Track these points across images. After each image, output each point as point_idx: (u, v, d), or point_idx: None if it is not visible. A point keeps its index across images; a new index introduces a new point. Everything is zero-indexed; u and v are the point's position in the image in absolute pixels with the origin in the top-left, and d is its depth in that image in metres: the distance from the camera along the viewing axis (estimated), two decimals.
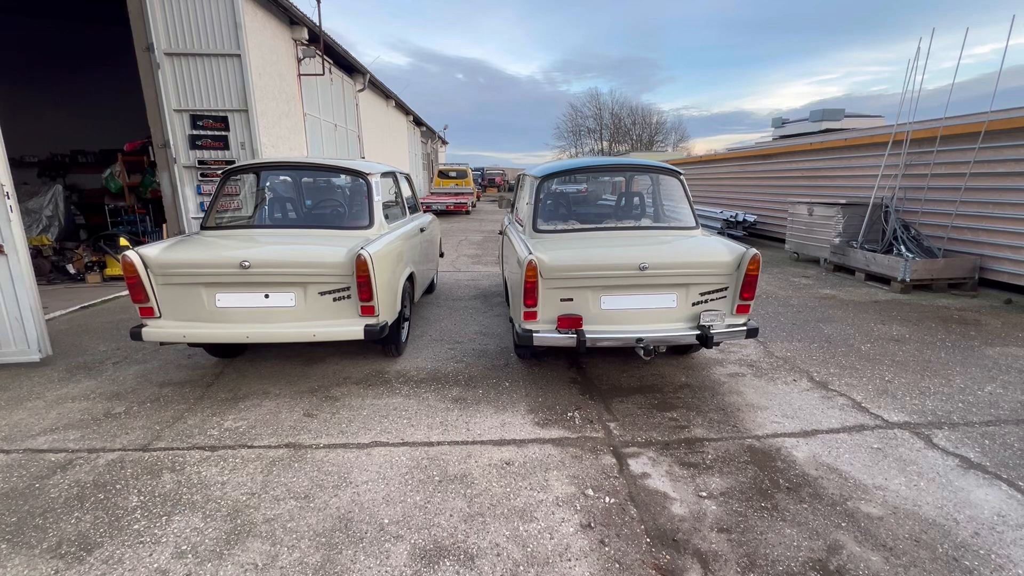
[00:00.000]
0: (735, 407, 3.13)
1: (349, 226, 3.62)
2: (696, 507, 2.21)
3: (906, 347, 4.08)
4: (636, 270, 3.04)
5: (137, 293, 3.03)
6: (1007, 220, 5.37)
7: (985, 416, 2.94)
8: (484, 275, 7.39)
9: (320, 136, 13.08)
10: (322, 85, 13.13)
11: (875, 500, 2.23)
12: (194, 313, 3.12)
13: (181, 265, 3.02)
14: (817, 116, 15.49)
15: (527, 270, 2.99)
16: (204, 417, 3.02)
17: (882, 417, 2.95)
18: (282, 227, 3.56)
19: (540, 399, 3.27)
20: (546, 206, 3.79)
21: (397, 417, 3.03)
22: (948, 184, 5.92)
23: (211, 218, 3.65)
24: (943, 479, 2.36)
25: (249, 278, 3.03)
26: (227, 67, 6.99)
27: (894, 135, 6.48)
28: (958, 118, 5.95)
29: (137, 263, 2.98)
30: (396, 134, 22.47)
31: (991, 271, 5.60)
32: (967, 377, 3.48)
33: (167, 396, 3.32)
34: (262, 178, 4.04)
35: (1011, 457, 2.53)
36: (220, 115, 7.08)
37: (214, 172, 7.18)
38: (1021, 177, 5.21)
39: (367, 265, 3.04)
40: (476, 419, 3.00)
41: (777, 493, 2.30)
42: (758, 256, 3.07)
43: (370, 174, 3.76)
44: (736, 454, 2.62)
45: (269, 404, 3.19)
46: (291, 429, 2.89)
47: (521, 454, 2.63)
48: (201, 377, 3.63)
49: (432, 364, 3.87)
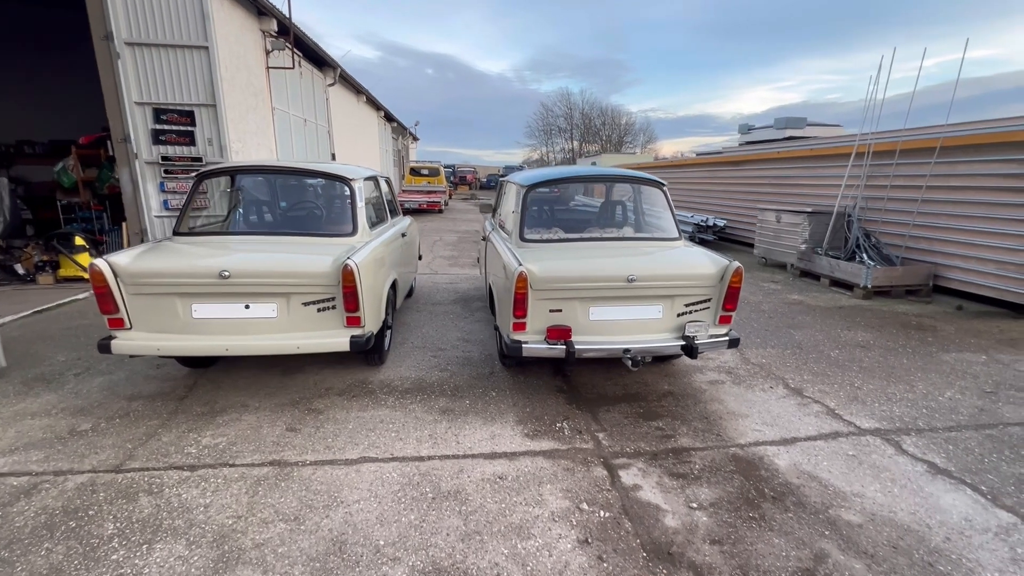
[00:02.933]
0: (717, 415, 3.22)
1: (332, 233, 3.52)
2: (688, 519, 2.26)
3: (871, 353, 4.29)
4: (624, 282, 3.08)
5: (106, 303, 2.87)
6: (959, 231, 5.71)
7: (947, 422, 3.12)
8: (462, 278, 7.34)
9: (289, 131, 12.70)
10: (291, 79, 12.74)
11: (854, 508, 2.33)
12: (168, 324, 2.98)
13: (154, 274, 2.87)
14: (781, 124, 16.09)
15: (517, 281, 2.98)
16: (180, 433, 2.89)
17: (855, 424, 3.10)
18: (261, 234, 3.43)
19: (528, 409, 3.28)
20: (532, 215, 3.79)
21: (384, 430, 2.98)
22: (906, 195, 6.25)
23: (184, 223, 3.48)
24: (914, 485, 2.50)
25: (228, 288, 2.91)
26: (193, 59, 6.69)
27: (856, 147, 6.78)
28: (917, 131, 6.28)
29: (106, 272, 2.82)
30: (367, 130, 22.04)
31: (944, 278, 5.95)
32: (928, 383, 3.69)
33: (137, 411, 3.16)
34: (238, 181, 3.89)
35: (973, 462, 2.69)
36: (186, 109, 6.78)
37: (179, 169, 6.88)
38: (973, 191, 5.55)
39: (354, 275, 2.97)
40: (465, 431, 2.98)
41: (763, 502, 2.37)
42: (741, 269, 3.16)
43: (353, 179, 3.67)
44: (722, 463, 2.69)
45: (249, 418, 3.08)
46: (274, 445, 2.80)
47: (513, 468, 2.63)
48: (173, 389, 3.47)
49: (416, 373, 3.82)
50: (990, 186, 5.37)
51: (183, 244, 3.28)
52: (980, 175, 5.47)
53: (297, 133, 13.39)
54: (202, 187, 3.66)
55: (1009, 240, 5.23)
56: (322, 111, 15.51)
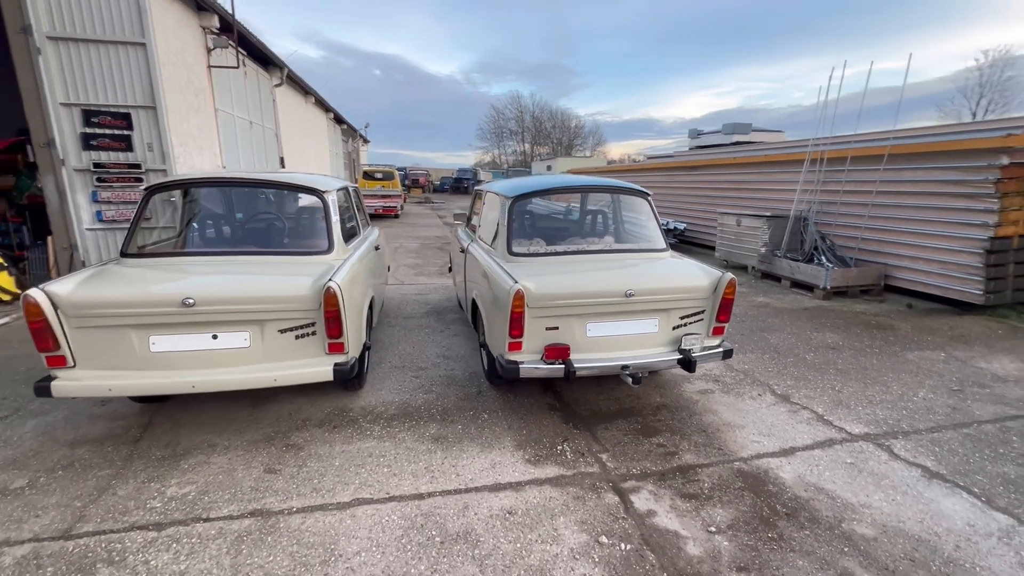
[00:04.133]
0: (714, 427, 3.20)
1: (305, 251, 3.24)
2: (709, 545, 2.19)
3: (843, 355, 4.45)
4: (623, 297, 3.01)
5: (43, 340, 2.48)
6: (907, 234, 6.08)
7: (927, 423, 3.24)
8: (431, 288, 7.10)
9: (235, 134, 11.95)
10: (235, 79, 12.00)
11: (864, 519, 2.35)
12: (121, 360, 2.62)
13: (104, 304, 2.51)
14: (729, 129, 16.79)
15: (514, 300, 2.84)
16: (139, 484, 2.54)
17: (845, 429, 3.16)
18: (224, 253, 3.09)
19: (524, 432, 3.14)
20: (520, 228, 3.65)
21: (375, 465, 2.75)
22: (858, 200, 6.59)
23: (132, 243, 3.09)
24: (914, 491, 2.55)
25: (193, 317, 2.59)
26: (129, 57, 6.10)
27: (811, 154, 7.10)
28: (866, 136, 6.64)
29: (44, 304, 2.44)
30: (316, 132, 21.17)
31: (894, 278, 6.31)
32: (901, 384, 3.84)
33: (84, 459, 2.76)
34: (194, 195, 3.51)
35: (960, 463, 2.80)
36: (121, 111, 6.16)
37: (115, 177, 6.25)
38: (919, 196, 5.91)
39: (337, 298, 2.72)
40: (463, 461, 2.80)
41: (779, 521, 2.35)
42: (734, 281, 3.16)
43: (326, 191, 3.40)
44: (730, 480, 2.66)
45: (219, 460, 2.77)
46: (253, 491, 2.51)
47: (522, 500, 2.48)
48: (125, 430, 3.07)
49: (399, 397, 3.59)
50: (934, 191, 5.74)
51: (134, 268, 2.91)
52: (925, 181, 5.83)
53: (243, 136, 12.63)
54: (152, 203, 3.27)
55: (952, 242, 5.60)
56: (269, 113, 14.72)
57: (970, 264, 5.44)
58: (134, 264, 2.96)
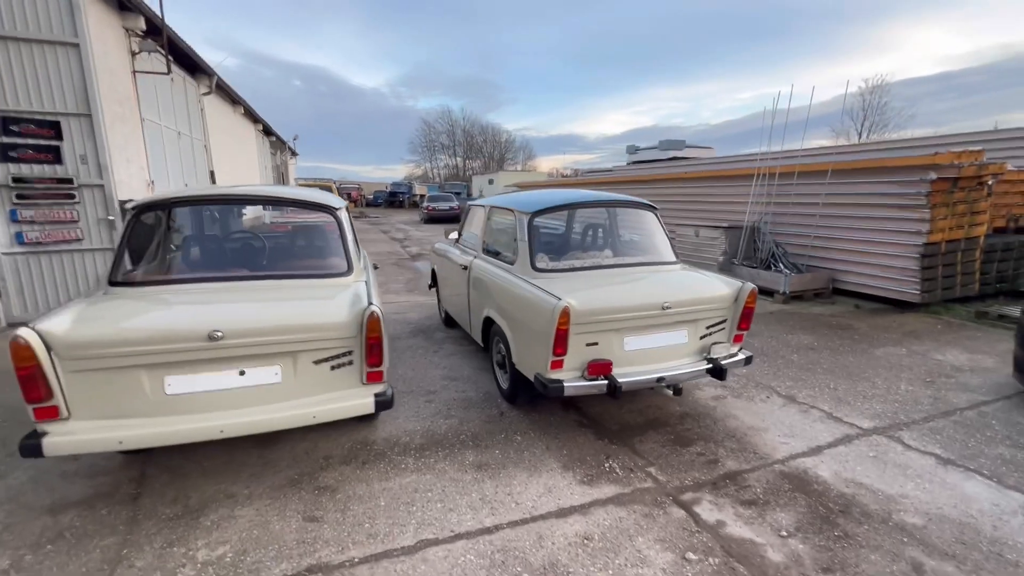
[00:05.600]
0: (741, 432, 3.31)
1: (324, 273, 2.98)
2: (787, 550, 2.24)
3: (823, 355, 4.80)
4: (660, 309, 3.05)
5: (34, 388, 2.08)
6: (852, 241, 6.72)
7: (919, 414, 3.56)
8: (406, 306, 6.85)
9: (162, 145, 10.95)
10: (162, 86, 11.02)
11: (909, 509, 2.52)
12: (127, 407, 2.25)
13: (113, 343, 2.15)
14: (665, 146, 17.84)
15: (560, 317, 2.79)
16: (159, 551, 2.19)
17: (856, 425, 3.39)
18: (230, 279, 2.77)
19: (564, 452, 3.07)
20: (540, 243, 3.61)
21: (425, 501, 2.56)
22: (807, 211, 7.21)
23: (120, 270, 2.68)
24: (938, 479, 2.77)
25: (218, 352, 2.29)
26: (58, 58, 5.39)
27: (767, 169, 7.67)
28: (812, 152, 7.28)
29: (36, 346, 2.05)
30: (245, 144, 19.89)
31: (841, 281, 6.94)
32: (882, 379, 4.20)
33: (75, 527, 2.33)
34: (185, 214, 3.12)
35: (962, 448, 3.09)
36: (48, 119, 5.41)
37: (39, 193, 5.46)
38: (861, 207, 6.57)
39: (380, 323, 2.53)
40: (516, 488, 2.69)
41: (837, 518, 2.45)
42: (755, 290, 3.31)
43: (338, 208, 3.17)
44: (777, 483, 2.75)
45: (246, 512, 2.45)
46: (299, 544, 2.24)
47: (594, 524, 2.41)
48: (114, 487, 2.64)
49: (419, 424, 3.39)
50: (874, 203, 6.40)
51: (132, 299, 2.52)
52: (866, 194, 6.50)
53: (171, 147, 11.60)
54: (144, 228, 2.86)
55: (891, 248, 6.27)
56: (197, 123, 13.65)
57: (907, 267, 6.11)
58: (129, 294, 2.56)
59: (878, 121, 33.76)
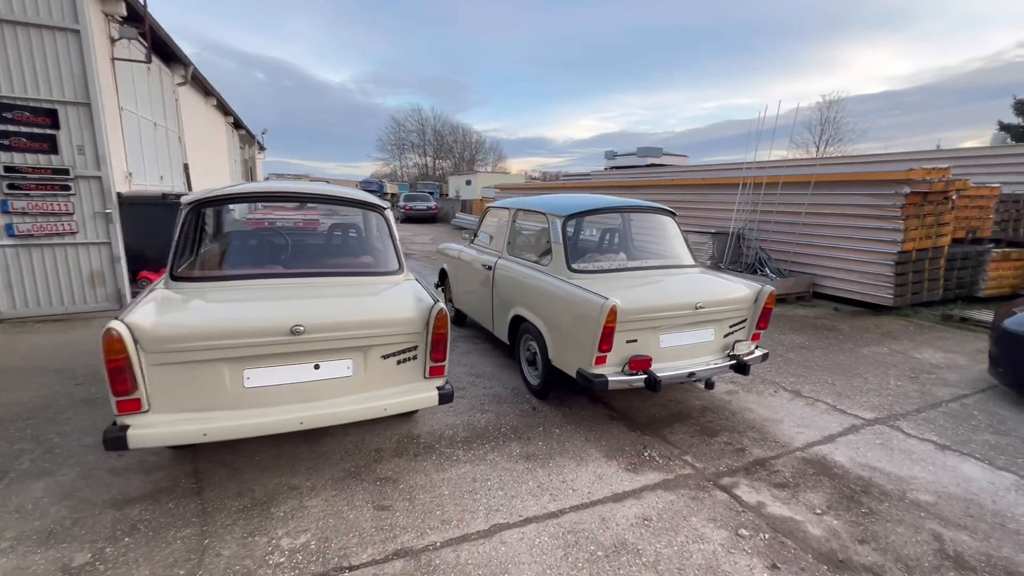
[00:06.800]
0: (759, 423, 3.58)
1: (378, 271, 3.05)
2: (824, 525, 2.49)
3: (815, 353, 5.18)
4: (693, 309, 3.28)
5: (122, 381, 2.09)
6: (832, 248, 7.22)
7: (911, 406, 3.93)
8: None
9: (139, 137, 10.59)
10: (139, 75, 10.64)
11: (921, 488, 2.82)
12: (206, 400, 2.28)
13: (201, 336, 2.18)
14: (643, 152, 18.39)
15: (608, 315, 2.97)
16: (242, 540, 2.23)
17: (859, 416, 3.72)
18: (289, 275, 2.81)
19: (603, 443, 3.25)
20: (574, 245, 3.79)
21: (487, 489, 2.69)
22: (790, 219, 7.68)
23: (182, 264, 2.69)
24: (940, 462, 3.11)
25: (298, 347, 2.36)
26: (58, 45, 5.19)
27: (744, 179, 8.11)
28: (796, 163, 7.74)
29: (127, 339, 2.06)
30: (216, 138, 19.26)
31: (821, 286, 7.43)
32: (872, 375, 4.59)
33: (147, 520, 2.34)
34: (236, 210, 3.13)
35: (953, 435, 3.45)
36: (45, 107, 5.19)
37: (34, 184, 5.23)
38: (840, 217, 7.07)
39: (447, 320, 2.64)
40: (569, 476, 2.85)
41: (860, 497, 2.73)
42: (774, 292, 3.59)
43: (385, 208, 3.25)
44: (801, 468, 3.01)
45: (315, 503, 2.51)
46: (378, 531, 2.33)
47: (649, 507, 2.59)
48: (173, 482, 2.64)
49: (458, 419, 3.50)
50: (854, 213, 6.90)
51: (202, 293, 2.53)
52: (846, 204, 7.00)
53: (147, 139, 11.21)
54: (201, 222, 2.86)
55: (869, 255, 6.78)
56: (172, 114, 13.20)
57: (882, 273, 6.62)
58: (197, 289, 2.57)
59: (834, 135, 35.71)
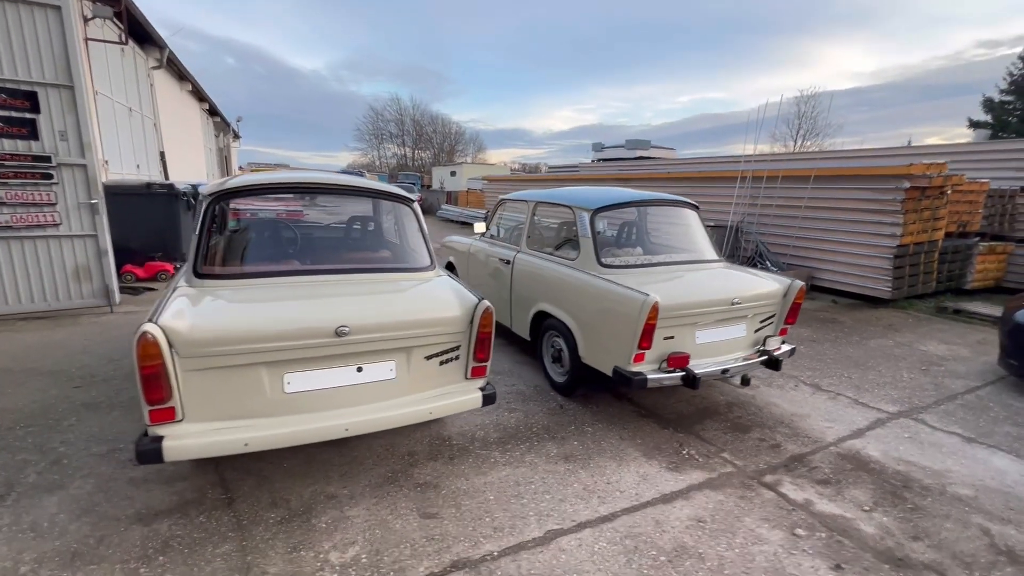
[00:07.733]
0: (788, 418, 3.58)
1: (408, 267, 2.91)
2: (876, 522, 2.48)
3: (825, 346, 5.23)
4: (729, 305, 3.23)
5: (156, 389, 1.92)
6: (830, 242, 7.31)
7: (929, 399, 3.99)
8: None
9: (114, 122, 10.06)
10: (113, 57, 10.07)
11: (958, 482, 2.85)
12: (244, 407, 2.13)
13: (242, 339, 2.02)
14: (632, 145, 18.40)
15: (650, 311, 2.90)
16: (287, 555, 2.09)
17: (883, 410, 3.75)
18: (319, 272, 2.65)
19: (639, 441, 3.20)
20: (603, 239, 3.70)
21: (533, 493, 2.60)
22: (789, 213, 7.75)
23: (206, 261, 2.49)
24: (970, 455, 3.15)
25: (341, 349, 2.21)
26: (35, 21, 4.81)
27: (742, 172, 8.15)
28: (796, 157, 7.80)
29: (162, 342, 1.89)
30: (191, 124, 18.51)
31: (819, 279, 7.54)
32: (885, 368, 4.65)
33: (179, 536, 2.18)
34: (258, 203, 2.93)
35: (976, 428, 3.50)
36: (23, 89, 4.83)
37: (11, 171, 4.87)
38: (839, 211, 7.16)
39: (492, 317, 2.52)
40: (612, 477, 2.78)
41: (904, 493, 2.74)
42: (804, 287, 3.57)
43: (413, 201, 3.10)
44: (839, 464, 3.01)
45: (357, 512, 2.38)
46: (429, 541, 2.22)
47: (700, 508, 2.55)
48: (199, 492, 2.48)
49: (486, 418, 3.40)
50: (853, 207, 7.00)
51: (234, 292, 2.35)
52: (844, 199, 7.09)
53: (123, 125, 10.67)
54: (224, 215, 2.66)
55: (864, 249, 6.89)
56: (147, 99, 12.59)
57: (881, 267, 6.74)
58: (229, 288, 2.39)
59: (811, 129, 36.45)
